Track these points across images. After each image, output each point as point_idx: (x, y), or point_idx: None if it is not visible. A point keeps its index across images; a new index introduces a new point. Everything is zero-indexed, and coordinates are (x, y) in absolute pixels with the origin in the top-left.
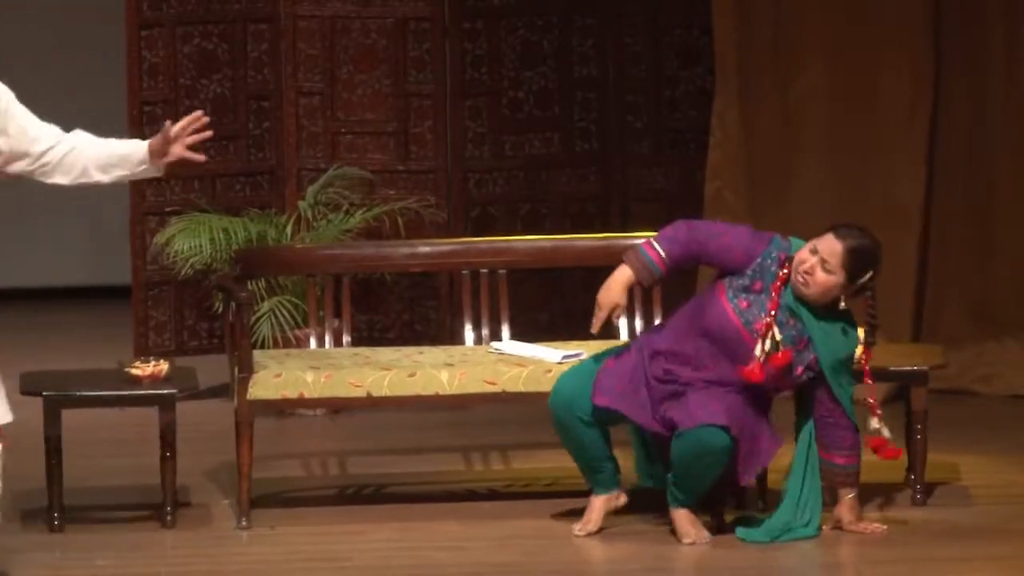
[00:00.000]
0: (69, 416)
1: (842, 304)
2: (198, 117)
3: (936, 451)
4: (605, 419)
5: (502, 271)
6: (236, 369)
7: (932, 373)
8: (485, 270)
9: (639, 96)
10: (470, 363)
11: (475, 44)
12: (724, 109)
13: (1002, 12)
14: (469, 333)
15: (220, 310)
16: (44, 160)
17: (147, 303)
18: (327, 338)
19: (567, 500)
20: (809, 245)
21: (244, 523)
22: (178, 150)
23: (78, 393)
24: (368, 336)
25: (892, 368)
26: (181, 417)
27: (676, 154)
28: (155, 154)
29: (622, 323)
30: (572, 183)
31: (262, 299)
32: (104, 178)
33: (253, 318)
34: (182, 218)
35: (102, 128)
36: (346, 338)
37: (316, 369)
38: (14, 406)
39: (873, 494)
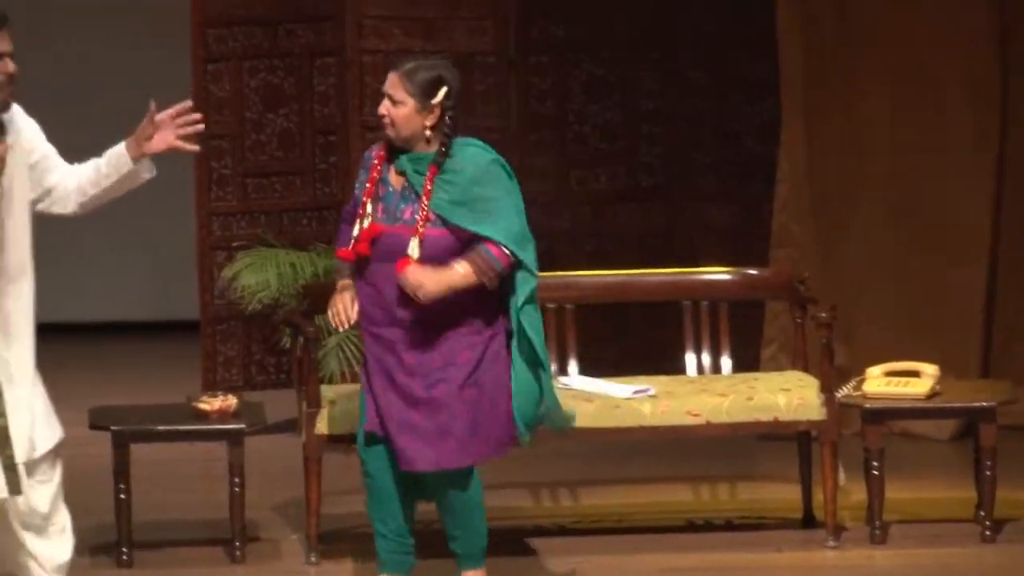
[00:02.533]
0: (138, 451)
1: (427, 133)
2: (188, 107)
3: (1005, 488)
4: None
5: (569, 306)
6: (304, 404)
7: (1001, 409)
8: (552, 305)
9: (704, 130)
10: None
11: (540, 78)
12: (790, 143)
13: None
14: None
15: (288, 345)
16: (52, 192)
17: (215, 338)
18: None
19: (635, 536)
20: None
21: (313, 558)
22: (170, 138)
23: (147, 428)
24: None
25: (960, 404)
26: (249, 452)
27: (742, 188)
28: (135, 141)
29: (690, 357)
30: (638, 217)
31: (329, 334)
32: (95, 191)
33: (320, 353)
34: (249, 253)
35: (168, 162)
36: None
37: None
38: (83, 441)
39: (941, 531)
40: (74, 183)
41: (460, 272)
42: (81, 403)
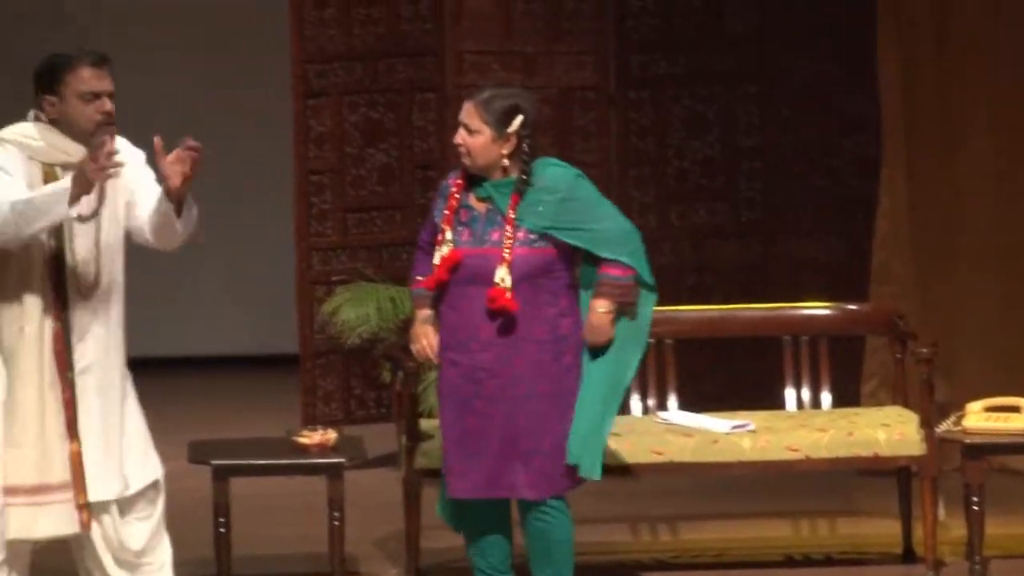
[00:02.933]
0: (237, 485)
1: (504, 161)
2: (190, 145)
3: None
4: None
5: (669, 340)
6: (403, 438)
7: None
8: (652, 340)
9: (804, 165)
10: (637, 433)
11: (640, 113)
12: (891, 178)
13: None
14: (636, 403)
15: (387, 379)
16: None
17: (315, 372)
18: None
19: (735, 571)
20: None
21: None
22: (177, 172)
23: (247, 462)
24: None
25: None
26: (349, 486)
27: (842, 223)
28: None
29: (789, 392)
30: (738, 252)
31: (429, 368)
32: (157, 227)
33: (420, 387)
34: (349, 287)
35: (270, 197)
36: None
37: None
38: (183, 475)
39: None
40: (148, 214)
41: (603, 311)
42: (181, 437)
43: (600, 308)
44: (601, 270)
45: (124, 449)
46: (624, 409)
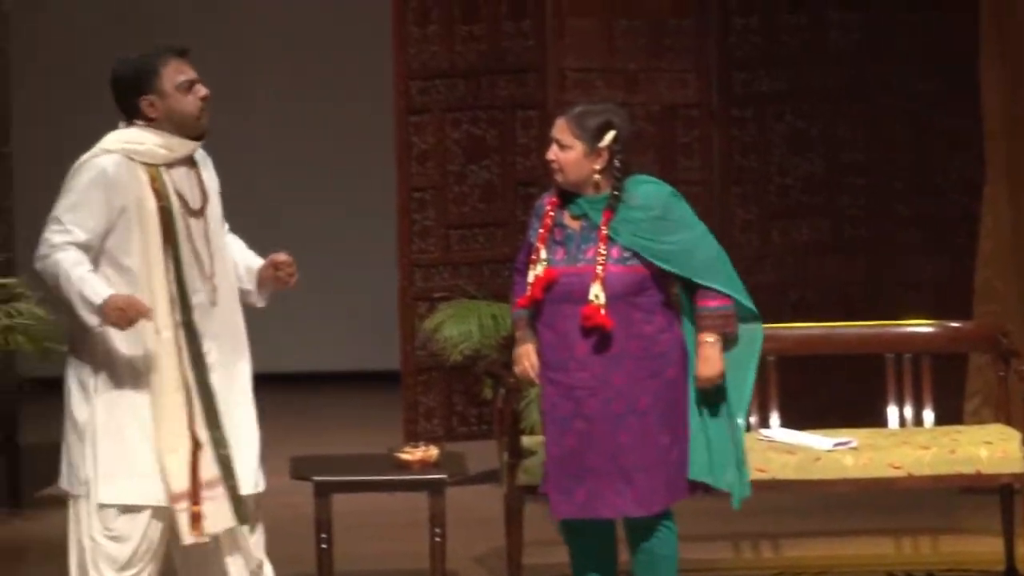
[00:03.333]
0: (338, 501)
1: (596, 177)
2: (286, 261)
3: None
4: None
5: (771, 358)
6: (505, 455)
7: None
8: None
9: (906, 182)
10: None
11: (743, 130)
12: (994, 199)
13: None
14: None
15: (489, 396)
16: None
17: (416, 389)
18: None
19: None
20: None
21: None
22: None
23: (349, 478)
24: None
25: None
26: (450, 502)
27: (945, 241)
28: (260, 275)
29: (892, 410)
30: (841, 270)
31: (530, 385)
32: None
33: (522, 404)
34: (450, 304)
35: (373, 214)
36: None
37: None
38: (285, 491)
39: None
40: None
41: (711, 341)
42: (283, 453)
43: (708, 339)
44: (699, 302)
45: (250, 447)
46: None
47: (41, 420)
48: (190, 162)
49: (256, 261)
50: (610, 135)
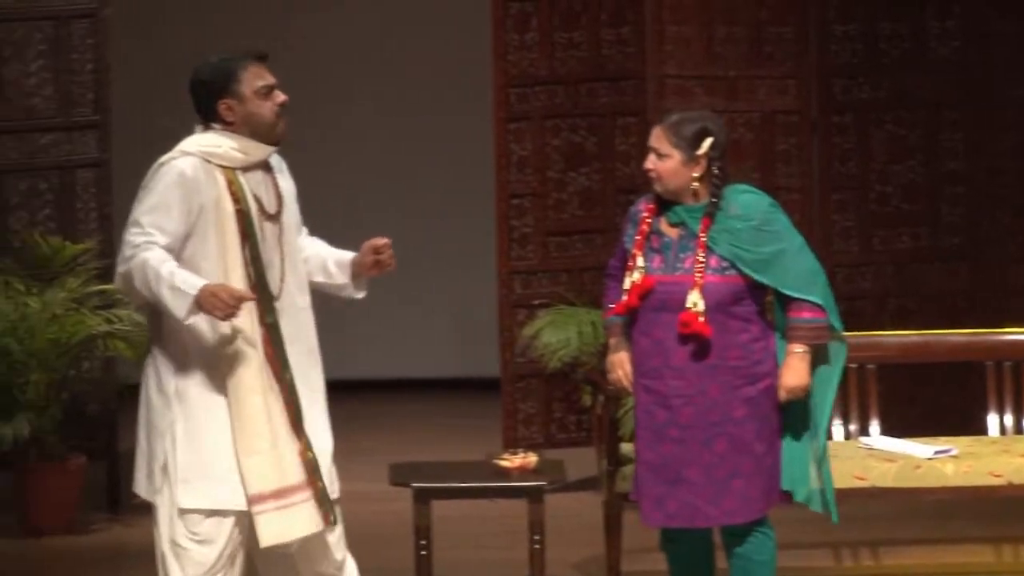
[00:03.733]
0: (437, 507)
1: (695, 185)
2: (386, 244)
3: None
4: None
5: (871, 366)
6: (604, 462)
7: None
8: (854, 365)
9: (1008, 190)
10: (839, 458)
11: (843, 138)
12: None
13: None
14: (839, 428)
15: (588, 403)
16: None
17: (515, 395)
18: None
19: None
20: None
21: None
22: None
23: (448, 484)
24: None
25: None
26: (549, 509)
27: None
28: (356, 264)
29: (992, 418)
30: (941, 278)
31: (624, 394)
32: (314, 278)
33: (620, 411)
34: (550, 311)
35: (472, 220)
36: None
37: None
38: (384, 497)
39: None
40: (310, 253)
41: (800, 352)
42: (382, 459)
43: (797, 350)
44: (792, 313)
45: (325, 453)
46: (826, 434)
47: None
48: (266, 166)
49: (346, 255)
50: (707, 142)
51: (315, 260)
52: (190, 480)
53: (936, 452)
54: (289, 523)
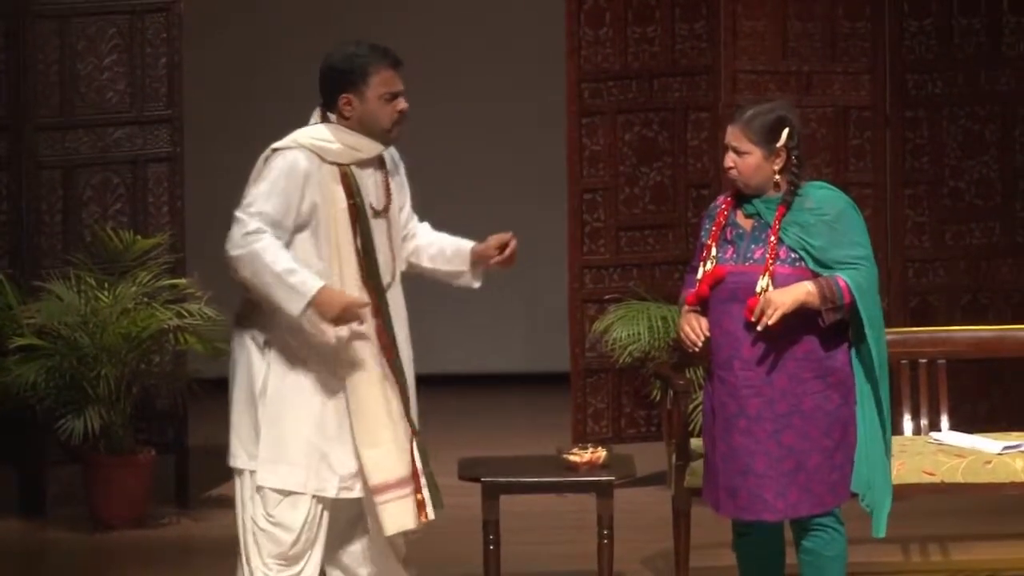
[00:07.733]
0: (506, 501)
1: (777, 177)
2: (509, 238)
3: None
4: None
5: (941, 361)
6: (673, 457)
7: None
8: (924, 360)
9: None
10: (909, 453)
11: (916, 133)
12: None
13: None
14: (908, 423)
15: (658, 398)
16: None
17: (585, 390)
18: None
19: None
20: None
21: None
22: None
23: (517, 479)
24: None
25: None
26: (618, 504)
27: None
28: (479, 253)
29: None
30: (1014, 273)
31: (699, 387)
32: (429, 265)
33: (691, 406)
34: (620, 306)
35: (544, 215)
36: None
37: None
38: (453, 491)
39: None
40: (424, 241)
41: (807, 288)
42: (452, 453)
43: (807, 285)
44: (835, 276)
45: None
46: (896, 429)
47: (209, 421)
48: (378, 163)
49: (465, 243)
50: (785, 133)
51: (432, 247)
52: (270, 460)
53: (1006, 448)
54: (410, 510)
